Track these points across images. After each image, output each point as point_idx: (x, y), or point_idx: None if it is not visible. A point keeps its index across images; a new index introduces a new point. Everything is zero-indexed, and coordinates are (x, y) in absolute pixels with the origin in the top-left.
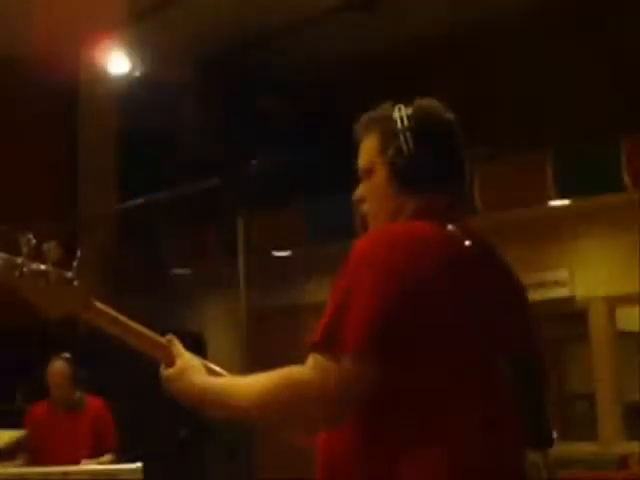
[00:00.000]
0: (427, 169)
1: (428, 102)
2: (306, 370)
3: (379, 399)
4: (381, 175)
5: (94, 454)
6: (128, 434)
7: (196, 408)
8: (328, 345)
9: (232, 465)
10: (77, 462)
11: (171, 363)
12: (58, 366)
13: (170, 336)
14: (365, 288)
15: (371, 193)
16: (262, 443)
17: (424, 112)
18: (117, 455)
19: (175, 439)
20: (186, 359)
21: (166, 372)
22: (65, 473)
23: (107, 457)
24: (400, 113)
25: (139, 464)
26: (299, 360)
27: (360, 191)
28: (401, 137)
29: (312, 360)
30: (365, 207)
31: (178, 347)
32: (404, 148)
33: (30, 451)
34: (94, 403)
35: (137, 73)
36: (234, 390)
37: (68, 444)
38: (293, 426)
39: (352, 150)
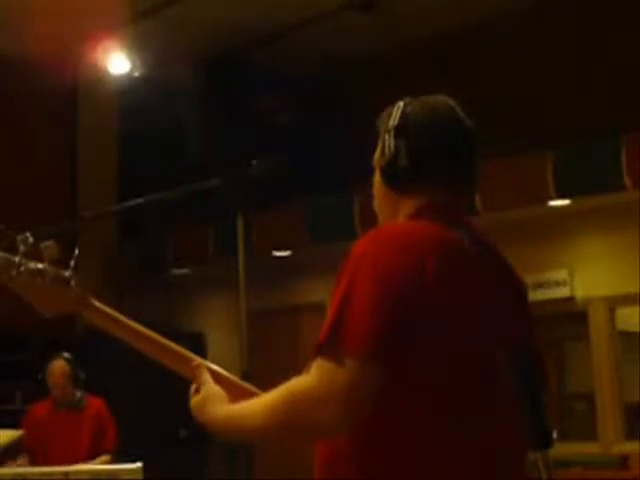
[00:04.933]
0: (407, 170)
1: (432, 99)
2: (311, 377)
3: (379, 400)
4: (377, 175)
5: (94, 454)
6: (128, 434)
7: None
8: (332, 349)
9: (232, 465)
10: (78, 462)
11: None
12: (58, 365)
13: (198, 362)
14: (365, 289)
15: (375, 191)
16: (262, 443)
17: (418, 110)
18: (117, 455)
19: (175, 439)
20: (207, 389)
21: (191, 401)
22: (66, 473)
23: (103, 458)
24: (395, 112)
25: (139, 464)
26: (299, 359)
27: (373, 188)
28: (385, 137)
29: (317, 366)
30: (374, 204)
31: (205, 376)
32: (385, 149)
33: (29, 451)
34: (95, 403)
35: (137, 73)
36: (245, 413)
37: (69, 444)
38: (305, 435)
39: (352, 150)
